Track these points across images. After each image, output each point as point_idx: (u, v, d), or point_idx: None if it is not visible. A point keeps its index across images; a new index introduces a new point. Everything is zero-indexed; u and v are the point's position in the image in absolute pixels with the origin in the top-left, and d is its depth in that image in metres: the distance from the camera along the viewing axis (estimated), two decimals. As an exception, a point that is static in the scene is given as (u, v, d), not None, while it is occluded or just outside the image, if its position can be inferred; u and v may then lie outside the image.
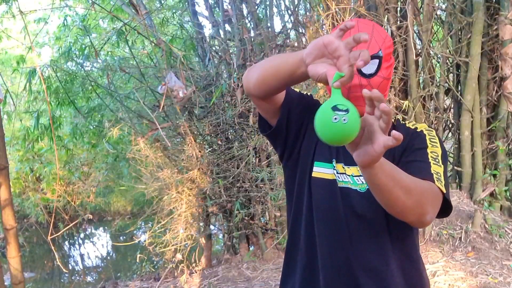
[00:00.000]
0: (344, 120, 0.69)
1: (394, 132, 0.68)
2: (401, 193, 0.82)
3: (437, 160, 0.99)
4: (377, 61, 1.01)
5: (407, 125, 1.11)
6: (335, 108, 0.70)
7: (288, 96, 1.06)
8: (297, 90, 1.14)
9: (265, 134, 1.13)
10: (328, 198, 1.05)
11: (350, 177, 1.04)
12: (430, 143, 1.02)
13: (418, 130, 1.07)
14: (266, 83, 0.95)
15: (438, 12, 4.46)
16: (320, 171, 1.07)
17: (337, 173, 1.05)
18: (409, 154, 1.01)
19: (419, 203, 0.86)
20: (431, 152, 1.00)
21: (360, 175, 1.03)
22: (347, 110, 0.70)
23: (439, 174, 0.95)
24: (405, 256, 1.06)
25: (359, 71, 1.01)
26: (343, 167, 1.05)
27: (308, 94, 1.15)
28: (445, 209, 0.95)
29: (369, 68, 1.01)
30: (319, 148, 1.08)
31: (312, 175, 1.07)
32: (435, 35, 4.52)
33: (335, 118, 0.69)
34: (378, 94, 0.69)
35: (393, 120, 1.14)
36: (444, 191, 0.92)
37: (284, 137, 1.10)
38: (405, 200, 0.83)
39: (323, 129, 0.71)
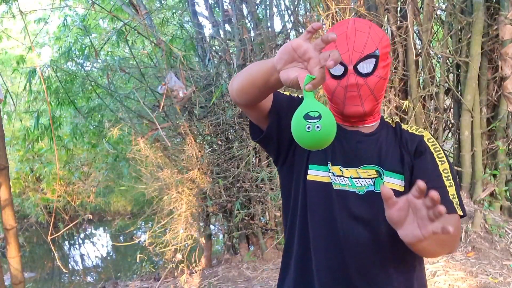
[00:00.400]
0: (318, 127, 0.70)
1: (447, 226, 0.68)
2: (438, 248, 0.90)
3: (449, 179, 1.00)
4: (374, 60, 0.99)
5: (410, 130, 1.10)
6: (307, 117, 0.71)
7: (276, 101, 1.04)
8: (287, 93, 1.12)
9: (256, 140, 1.11)
10: (323, 201, 1.03)
11: (348, 179, 1.03)
12: (439, 161, 1.03)
13: (425, 139, 1.06)
14: (245, 92, 0.95)
15: (438, 12, 4.46)
16: (315, 174, 1.05)
17: (333, 175, 1.03)
18: (423, 176, 1.01)
19: (451, 246, 0.94)
20: (443, 170, 1.02)
21: (359, 177, 1.02)
22: (319, 117, 0.70)
23: (454, 196, 0.98)
24: (405, 260, 1.04)
25: (356, 70, 0.99)
26: (341, 170, 1.03)
27: (300, 96, 1.14)
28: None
29: (366, 67, 0.99)
30: (314, 151, 1.05)
31: (307, 178, 1.05)
32: (435, 35, 4.52)
33: (308, 127, 0.70)
34: (437, 195, 0.69)
35: (390, 121, 1.13)
36: (461, 214, 0.97)
37: (276, 143, 1.08)
38: (441, 251, 0.93)
39: (299, 138, 0.72)
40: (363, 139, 1.06)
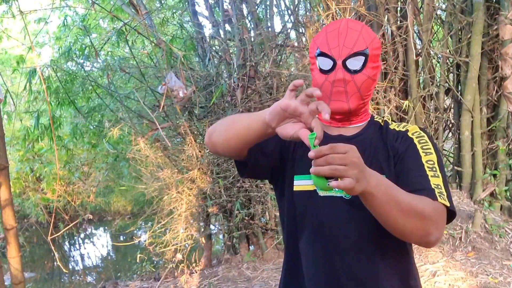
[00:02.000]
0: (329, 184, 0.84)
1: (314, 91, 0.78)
2: (398, 216, 0.83)
3: (434, 170, 0.96)
4: (363, 58, 1.00)
5: (397, 128, 1.08)
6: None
7: None
8: None
9: (245, 176, 1.13)
10: (309, 209, 1.04)
11: None
12: (422, 152, 1.00)
13: (409, 133, 1.04)
14: (234, 148, 0.98)
15: (438, 12, 4.46)
16: (301, 183, 1.05)
17: None
18: (404, 166, 1.00)
19: (421, 225, 0.86)
20: (426, 161, 0.98)
21: None
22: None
23: (439, 187, 0.93)
24: (396, 266, 1.03)
25: (344, 66, 0.99)
26: None
27: None
28: (449, 217, 0.94)
29: (355, 64, 0.99)
30: (298, 161, 1.07)
31: (294, 189, 1.06)
32: (435, 35, 4.52)
33: (328, 184, 0.83)
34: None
35: (380, 120, 1.11)
36: (448, 205, 0.91)
37: (264, 171, 1.11)
38: (404, 223, 0.84)
39: (320, 185, 0.83)
40: (345, 143, 1.04)
